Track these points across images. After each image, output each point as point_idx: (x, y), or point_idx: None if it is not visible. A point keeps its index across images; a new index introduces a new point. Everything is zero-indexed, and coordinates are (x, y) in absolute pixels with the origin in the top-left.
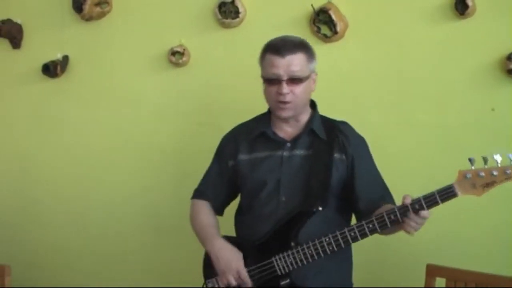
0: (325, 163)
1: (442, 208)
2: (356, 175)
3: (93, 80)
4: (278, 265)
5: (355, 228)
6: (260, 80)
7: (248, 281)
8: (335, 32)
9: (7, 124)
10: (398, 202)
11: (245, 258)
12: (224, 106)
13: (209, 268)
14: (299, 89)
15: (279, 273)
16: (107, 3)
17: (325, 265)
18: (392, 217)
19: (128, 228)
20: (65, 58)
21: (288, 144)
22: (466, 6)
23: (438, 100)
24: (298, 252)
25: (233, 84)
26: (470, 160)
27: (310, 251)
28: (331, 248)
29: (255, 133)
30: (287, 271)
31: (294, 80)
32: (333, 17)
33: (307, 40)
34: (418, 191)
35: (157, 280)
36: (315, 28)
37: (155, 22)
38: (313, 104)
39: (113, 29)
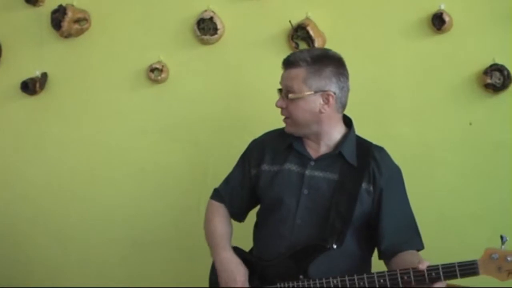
0: (350, 193)
1: (424, 217)
2: (382, 211)
3: (72, 97)
4: None
5: (365, 278)
6: (238, 96)
7: None
8: None
9: None
10: None
11: (251, 276)
12: (203, 122)
13: (215, 276)
14: (292, 106)
15: None
16: (86, 20)
17: None
18: (406, 277)
19: (109, 243)
20: (44, 75)
21: (312, 163)
22: (443, 22)
23: (416, 115)
24: (303, 286)
25: (212, 100)
26: (502, 238)
27: None
28: None
29: (283, 144)
30: None
31: (287, 96)
32: (311, 33)
33: (285, 56)
34: None
35: None
36: (293, 44)
37: (134, 39)
38: (348, 121)
39: (92, 46)
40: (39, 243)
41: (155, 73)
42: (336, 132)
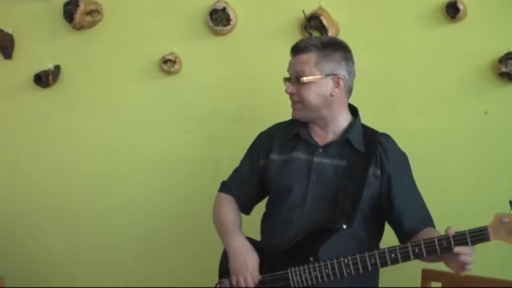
0: (358, 177)
1: (438, 211)
2: (395, 193)
3: (85, 90)
4: (292, 278)
5: (376, 254)
6: (251, 87)
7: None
8: None
9: (0, 133)
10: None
11: (262, 264)
12: (216, 113)
13: (225, 266)
14: (304, 90)
15: (292, 286)
16: (98, 12)
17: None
18: (417, 250)
19: (121, 237)
20: (57, 68)
21: (320, 150)
22: (457, 10)
23: (431, 104)
24: (314, 268)
25: (225, 91)
26: (510, 203)
27: (326, 270)
28: (348, 270)
29: (290, 133)
30: (301, 286)
31: (298, 81)
32: (324, 22)
33: None
34: None
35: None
36: (307, 34)
37: (147, 30)
38: (354, 111)
39: (104, 38)
40: (49, 236)
41: (168, 64)
42: (343, 118)
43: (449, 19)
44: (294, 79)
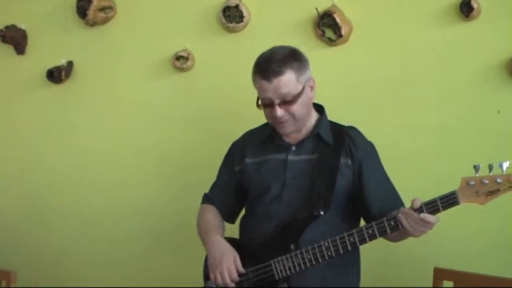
0: (330, 167)
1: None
2: (365, 180)
3: (97, 85)
4: (276, 269)
5: (354, 233)
6: None
7: (229, 282)
8: (340, 36)
9: (12, 129)
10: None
11: (245, 259)
12: (229, 111)
13: (207, 269)
14: (294, 107)
15: (277, 277)
16: (111, 8)
17: (327, 272)
18: (392, 223)
19: (131, 232)
20: (70, 64)
21: (293, 148)
22: (471, 9)
23: (444, 103)
24: (296, 256)
25: (237, 88)
26: (475, 167)
27: (308, 256)
28: (329, 253)
29: (262, 137)
30: (285, 275)
31: (287, 102)
32: (338, 20)
33: (312, 43)
34: (425, 195)
35: (166, 283)
36: (320, 32)
37: (159, 27)
38: (320, 108)
39: (117, 34)
40: (61, 233)
41: (181, 61)
42: (312, 117)
43: (463, 17)
44: (281, 102)
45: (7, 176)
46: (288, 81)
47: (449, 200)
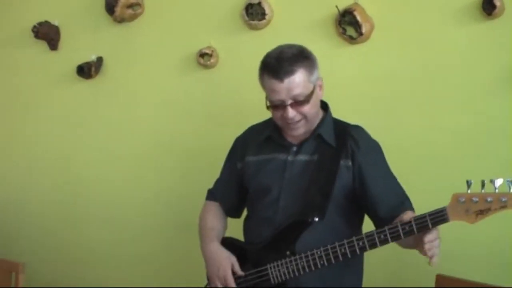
0: (329, 170)
1: None
2: (368, 182)
3: (125, 81)
4: (272, 274)
5: (345, 244)
6: None
7: None
8: (361, 34)
9: (43, 123)
10: (418, 207)
11: (245, 263)
12: (252, 107)
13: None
14: (306, 107)
15: (273, 282)
16: (139, 5)
17: (326, 276)
18: (382, 236)
19: (155, 227)
20: (99, 60)
21: (294, 148)
22: (493, 6)
23: (465, 102)
24: (291, 262)
25: (259, 85)
26: (467, 182)
27: (302, 263)
28: (322, 262)
29: (263, 135)
30: (280, 280)
31: (299, 103)
32: (358, 18)
33: (333, 41)
34: (442, 197)
35: (178, 280)
36: (341, 30)
37: (185, 24)
38: (324, 106)
39: (144, 30)
40: (91, 226)
41: (205, 58)
42: (318, 116)
43: (486, 15)
44: (294, 102)
45: (39, 170)
46: (300, 80)
47: (438, 217)
